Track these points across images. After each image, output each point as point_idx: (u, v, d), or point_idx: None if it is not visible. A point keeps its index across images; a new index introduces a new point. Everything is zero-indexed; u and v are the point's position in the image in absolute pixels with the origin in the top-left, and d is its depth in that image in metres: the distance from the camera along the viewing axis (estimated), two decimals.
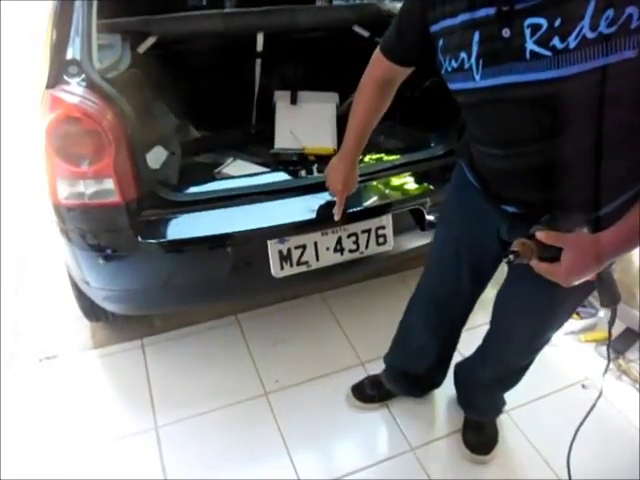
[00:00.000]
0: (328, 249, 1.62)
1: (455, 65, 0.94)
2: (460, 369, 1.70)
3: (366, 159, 1.75)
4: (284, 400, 1.78)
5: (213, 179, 1.82)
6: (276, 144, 2.13)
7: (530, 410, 1.79)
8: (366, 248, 1.67)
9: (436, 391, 1.81)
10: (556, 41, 0.79)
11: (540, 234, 0.90)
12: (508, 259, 0.91)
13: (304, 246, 1.58)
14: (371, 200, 1.65)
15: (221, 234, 1.48)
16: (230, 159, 2.00)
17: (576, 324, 2.07)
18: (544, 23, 0.79)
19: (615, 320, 1.01)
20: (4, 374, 1.82)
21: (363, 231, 1.64)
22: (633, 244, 0.88)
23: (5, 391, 1.76)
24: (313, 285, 2.13)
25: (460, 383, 1.71)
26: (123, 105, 1.33)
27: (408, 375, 1.70)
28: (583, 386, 1.88)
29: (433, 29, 0.98)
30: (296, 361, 1.92)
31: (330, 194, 1.48)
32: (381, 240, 1.68)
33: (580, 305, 1.54)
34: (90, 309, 1.87)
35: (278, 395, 1.80)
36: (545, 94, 0.84)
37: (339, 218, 1.49)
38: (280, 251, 1.56)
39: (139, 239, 1.41)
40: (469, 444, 1.66)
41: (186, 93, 2.16)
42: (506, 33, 0.83)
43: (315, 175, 1.65)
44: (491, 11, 0.85)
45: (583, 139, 0.87)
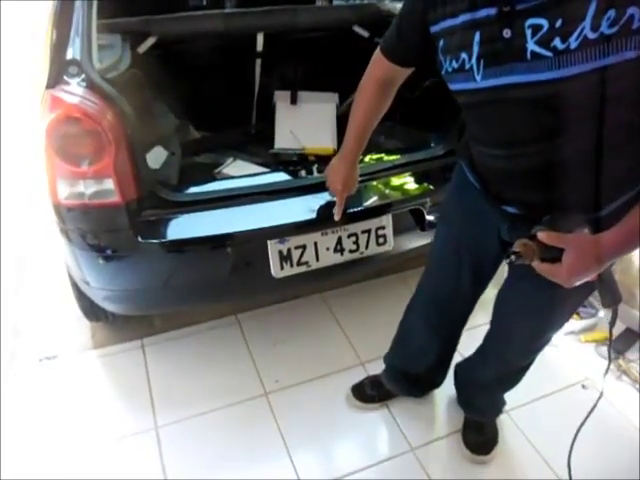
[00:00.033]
0: (328, 249, 1.62)
1: (456, 66, 0.94)
2: (460, 369, 1.70)
3: (366, 159, 1.75)
4: (284, 400, 1.78)
5: (213, 179, 1.82)
6: (276, 144, 2.13)
7: (530, 410, 1.79)
8: (366, 248, 1.67)
9: (436, 391, 1.81)
10: (557, 42, 0.79)
11: (541, 235, 0.90)
12: (510, 260, 0.91)
13: (304, 246, 1.58)
14: (371, 200, 1.64)
15: (221, 234, 1.48)
16: (230, 159, 2.00)
17: (576, 324, 2.07)
18: (545, 24, 0.79)
19: (616, 320, 1.01)
20: (4, 374, 1.82)
21: (363, 231, 1.64)
22: (633, 245, 0.88)
23: (5, 391, 1.76)
24: (313, 285, 2.13)
25: (460, 383, 1.71)
26: (123, 105, 1.33)
27: (408, 375, 1.71)
28: (583, 386, 1.88)
29: (434, 29, 0.98)
30: (296, 361, 1.92)
31: (330, 194, 1.48)
32: (381, 240, 1.68)
33: (580, 305, 1.54)
34: (90, 309, 1.87)
35: (278, 395, 1.80)
36: (546, 95, 0.84)
37: (339, 218, 1.49)
38: (280, 251, 1.56)
39: (139, 239, 1.41)
40: (469, 444, 1.66)
41: (186, 93, 2.16)
42: (507, 34, 0.83)
43: (315, 175, 1.65)
44: (492, 11, 0.85)
45: (584, 139, 0.87)
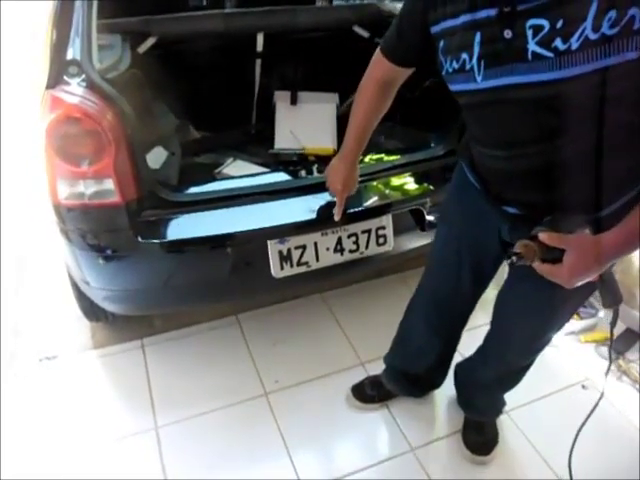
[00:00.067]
0: (328, 249, 1.62)
1: (456, 66, 0.93)
2: (460, 369, 1.70)
3: (366, 159, 1.75)
4: (284, 400, 1.78)
5: (213, 179, 1.82)
6: (276, 144, 2.13)
7: (530, 410, 1.79)
8: (366, 248, 1.67)
9: (436, 391, 1.81)
10: (558, 42, 0.78)
11: (543, 236, 0.90)
12: (511, 261, 0.91)
13: (304, 246, 1.58)
14: (371, 200, 1.64)
15: (221, 234, 1.48)
16: (230, 159, 2.00)
17: (576, 324, 2.07)
18: (546, 24, 0.79)
19: (617, 321, 1.01)
20: (4, 374, 1.82)
21: (363, 231, 1.64)
22: (634, 246, 0.88)
23: (5, 391, 1.76)
24: (313, 285, 2.13)
25: (460, 383, 1.71)
26: (123, 105, 1.33)
27: (408, 375, 1.71)
28: (583, 386, 1.88)
29: (434, 30, 0.98)
30: (296, 361, 1.92)
31: (330, 194, 1.48)
32: (381, 240, 1.68)
33: (581, 306, 1.54)
34: (90, 309, 1.87)
35: (278, 395, 1.80)
36: (547, 95, 0.84)
37: (339, 219, 1.49)
38: (280, 251, 1.56)
39: (139, 239, 1.41)
40: (469, 444, 1.66)
41: (186, 93, 2.16)
42: (508, 34, 0.83)
43: (315, 175, 1.65)
44: (492, 12, 0.85)
45: (584, 140, 0.87)
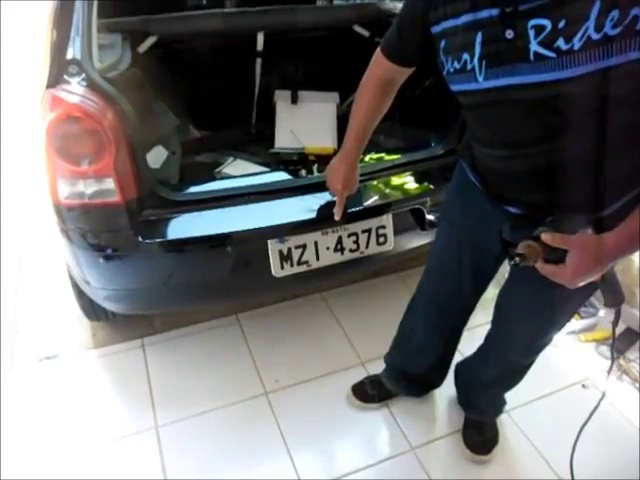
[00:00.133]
0: (328, 249, 1.61)
1: (457, 66, 0.93)
2: (461, 369, 1.70)
3: (366, 159, 1.75)
4: (284, 399, 1.78)
5: (213, 179, 1.82)
6: (276, 144, 2.13)
7: (530, 410, 1.79)
8: (366, 248, 1.66)
9: (436, 391, 1.81)
10: (560, 42, 0.78)
11: (546, 236, 0.89)
12: (514, 261, 0.91)
13: (304, 246, 1.58)
14: (371, 200, 1.64)
15: (221, 234, 1.48)
16: (230, 159, 2.00)
17: (577, 324, 2.07)
18: (548, 24, 0.79)
19: (619, 320, 1.01)
20: (4, 374, 1.82)
21: (363, 231, 1.64)
22: (637, 246, 0.88)
23: (5, 391, 1.75)
24: (313, 285, 2.13)
25: (461, 383, 1.71)
26: (123, 105, 1.33)
27: (408, 375, 1.71)
28: (583, 386, 1.88)
29: (435, 30, 0.98)
30: (296, 360, 1.92)
31: (330, 194, 1.47)
32: (381, 240, 1.68)
33: (582, 306, 1.53)
34: (90, 309, 1.87)
35: (278, 395, 1.80)
36: (549, 95, 0.84)
37: (339, 218, 1.49)
38: (280, 251, 1.56)
39: (139, 239, 1.41)
40: (469, 444, 1.66)
41: (186, 93, 2.15)
42: (509, 34, 0.83)
43: (315, 175, 1.65)
44: (494, 12, 0.84)
45: (586, 140, 0.86)
